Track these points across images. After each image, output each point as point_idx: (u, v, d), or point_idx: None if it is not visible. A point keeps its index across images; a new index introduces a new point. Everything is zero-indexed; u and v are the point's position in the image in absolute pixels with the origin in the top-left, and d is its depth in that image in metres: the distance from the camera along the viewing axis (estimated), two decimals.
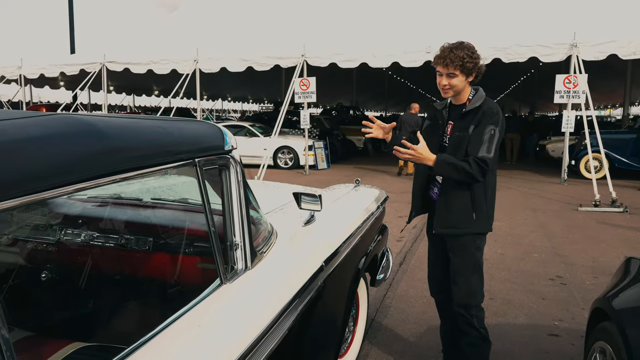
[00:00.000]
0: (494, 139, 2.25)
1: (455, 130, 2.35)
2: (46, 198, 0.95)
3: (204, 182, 1.45)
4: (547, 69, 12.86)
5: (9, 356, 0.84)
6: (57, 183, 0.96)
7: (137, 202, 2.34)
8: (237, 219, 1.56)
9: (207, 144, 1.51)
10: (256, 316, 1.46)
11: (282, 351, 1.60)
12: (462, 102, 2.38)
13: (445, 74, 2.28)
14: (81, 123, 1.10)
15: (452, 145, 2.35)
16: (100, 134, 1.10)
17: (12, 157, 0.90)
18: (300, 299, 1.73)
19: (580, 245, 5.63)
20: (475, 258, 2.40)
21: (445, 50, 2.27)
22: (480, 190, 2.33)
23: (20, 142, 0.93)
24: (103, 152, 1.08)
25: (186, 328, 1.24)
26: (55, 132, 1.02)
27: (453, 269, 2.42)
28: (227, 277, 1.49)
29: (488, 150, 2.23)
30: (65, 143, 1.01)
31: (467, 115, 2.32)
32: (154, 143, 1.28)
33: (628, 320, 1.74)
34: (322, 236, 2.19)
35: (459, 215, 2.33)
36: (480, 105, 2.31)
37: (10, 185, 0.87)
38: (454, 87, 2.29)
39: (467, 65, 2.25)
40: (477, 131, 2.27)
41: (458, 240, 2.38)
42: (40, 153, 0.94)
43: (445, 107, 2.47)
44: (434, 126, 2.50)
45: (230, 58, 12.13)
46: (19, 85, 16.17)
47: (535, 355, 3.06)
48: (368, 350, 3.08)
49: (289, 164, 13.00)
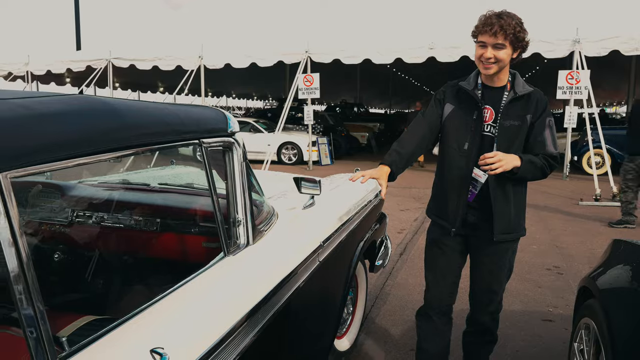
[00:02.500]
0: (554, 131, 2.07)
1: (504, 118, 2.03)
2: (65, 167, 1.05)
3: (209, 162, 1.55)
4: (552, 65, 12.90)
5: (45, 327, 0.93)
6: (76, 153, 1.06)
7: (145, 187, 2.46)
8: (239, 196, 1.67)
9: (212, 126, 1.61)
10: (257, 285, 1.57)
11: (281, 322, 1.71)
12: (501, 84, 2.05)
13: (491, 44, 1.93)
14: (98, 101, 1.20)
15: (504, 136, 2.02)
16: (115, 112, 1.21)
17: (36, 127, 1.00)
18: (299, 274, 1.83)
19: (579, 238, 5.71)
20: (512, 263, 2.26)
21: (493, 17, 1.94)
22: (525, 190, 2.17)
23: (43, 116, 1.04)
24: (118, 127, 1.19)
25: (192, 292, 1.35)
26: (75, 108, 1.12)
27: (489, 277, 2.20)
28: (230, 250, 1.60)
29: (555, 146, 2.06)
30: (84, 118, 1.11)
31: (516, 101, 2.03)
32: (163, 122, 1.38)
33: (609, 297, 1.83)
34: (321, 218, 2.29)
35: (515, 218, 2.11)
36: (532, 92, 2.05)
37: (33, 152, 0.98)
38: (500, 61, 1.95)
39: (519, 36, 1.94)
40: (539, 125, 2.03)
41: (501, 246, 2.14)
42: (61, 126, 1.05)
43: (476, 88, 2.09)
44: (465, 109, 2.09)
45: (235, 54, 12.23)
46: (26, 81, 16.34)
47: (529, 338, 3.15)
48: (367, 334, 3.18)
49: (292, 160, 13.11)
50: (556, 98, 10.27)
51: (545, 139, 2.03)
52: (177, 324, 1.22)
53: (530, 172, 2.00)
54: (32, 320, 0.90)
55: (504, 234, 2.10)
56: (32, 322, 0.90)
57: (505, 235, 2.10)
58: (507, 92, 2.04)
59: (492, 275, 2.20)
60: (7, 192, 0.89)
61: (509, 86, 2.05)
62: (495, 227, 2.07)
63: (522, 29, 1.96)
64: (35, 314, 0.91)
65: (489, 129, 2.07)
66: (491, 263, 2.18)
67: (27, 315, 0.90)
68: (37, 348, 0.91)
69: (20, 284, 0.89)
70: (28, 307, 0.90)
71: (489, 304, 2.27)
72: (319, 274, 2.05)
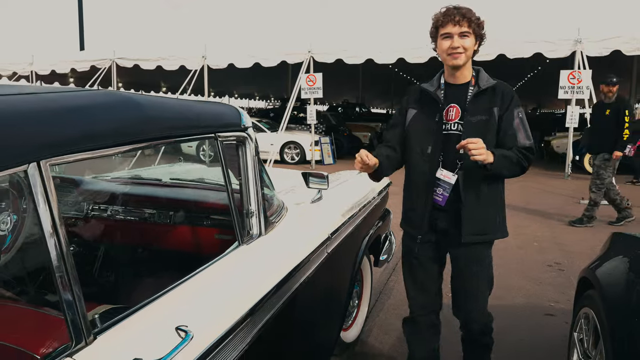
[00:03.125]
0: (525, 122, 1.99)
1: (470, 114, 1.96)
2: (95, 157, 1.13)
3: (224, 155, 1.62)
4: (554, 65, 12.96)
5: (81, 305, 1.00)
6: (104, 144, 1.13)
7: (158, 181, 2.53)
8: (252, 188, 1.74)
9: (226, 121, 1.68)
10: (269, 273, 1.64)
11: (292, 309, 1.78)
12: (465, 80, 2.01)
13: (456, 33, 1.91)
14: (122, 96, 1.28)
15: (472, 131, 1.92)
16: (138, 106, 1.28)
17: (69, 119, 1.07)
18: (309, 264, 1.91)
19: (580, 235, 5.76)
20: (490, 270, 2.12)
21: (452, 9, 1.94)
22: (502, 188, 2.07)
23: (75, 108, 1.11)
24: (141, 121, 1.26)
25: (211, 277, 1.42)
26: (102, 102, 1.19)
27: (467, 284, 2.09)
28: (244, 240, 1.67)
29: (528, 137, 1.98)
30: (111, 111, 1.19)
31: (481, 96, 1.98)
32: (181, 116, 1.45)
33: (608, 287, 1.90)
34: (329, 212, 2.36)
35: (487, 219, 2.01)
36: (496, 84, 2.00)
37: (68, 142, 1.05)
38: (467, 50, 1.93)
39: (481, 24, 1.96)
40: (507, 117, 1.96)
41: (474, 251, 2.04)
42: (91, 118, 1.12)
43: (439, 88, 2.05)
44: (427, 113, 2.04)
45: (238, 54, 12.32)
46: (30, 81, 16.43)
47: (530, 332, 3.22)
48: (371, 327, 3.25)
49: (295, 159, 13.18)
50: (558, 98, 10.34)
51: (516, 131, 1.96)
52: (199, 306, 1.29)
53: (506, 167, 1.92)
54: (71, 301, 0.98)
55: (475, 235, 2.00)
56: (71, 303, 0.98)
57: (476, 236, 2.00)
58: (472, 87, 1.99)
59: (470, 285, 2.09)
60: (46, 177, 0.96)
61: (474, 81, 2.00)
62: (463, 227, 1.98)
63: (481, 22, 1.97)
64: (73, 295, 0.98)
65: (456, 127, 2.00)
66: (468, 271, 2.07)
67: (67, 296, 0.97)
68: (75, 324, 0.98)
69: (60, 265, 0.97)
70: (67, 290, 0.98)
71: (472, 314, 2.13)
72: (327, 265, 2.12)
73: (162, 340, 1.09)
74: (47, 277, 1.04)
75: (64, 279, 0.97)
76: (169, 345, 1.08)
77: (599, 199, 6.13)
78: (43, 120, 1.00)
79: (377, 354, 2.93)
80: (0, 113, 0.93)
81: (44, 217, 0.96)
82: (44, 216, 0.95)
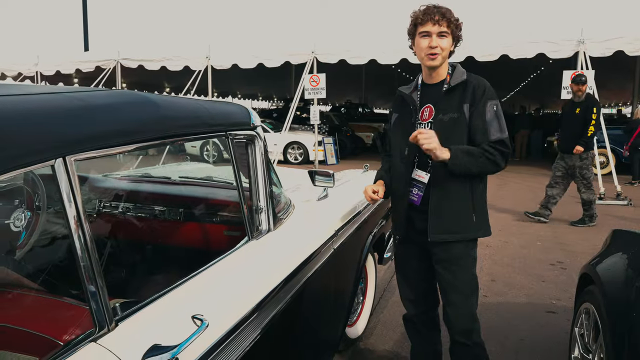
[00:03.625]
0: (500, 114, 1.93)
1: (440, 112, 1.95)
2: (120, 152, 1.18)
3: (235, 153, 1.68)
4: (557, 66, 12.99)
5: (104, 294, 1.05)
6: (125, 141, 1.19)
7: (167, 179, 2.59)
8: (261, 185, 1.79)
9: (236, 120, 1.74)
10: (278, 267, 1.69)
11: (299, 302, 1.83)
12: (440, 78, 2.00)
13: (435, 33, 1.91)
14: (141, 96, 1.33)
15: (441, 130, 1.90)
16: (155, 105, 1.33)
17: (92, 117, 1.13)
18: (316, 258, 1.96)
19: (583, 235, 5.80)
20: (473, 271, 2.04)
21: (432, 7, 1.94)
22: (479, 186, 1.99)
23: (97, 107, 1.17)
24: (158, 119, 1.31)
25: (224, 270, 1.47)
26: (122, 101, 1.25)
27: (447, 287, 2.03)
28: (253, 235, 1.72)
29: (501, 130, 1.91)
30: (130, 110, 1.24)
31: (452, 93, 1.96)
32: (195, 115, 1.51)
33: (607, 282, 1.94)
34: (335, 209, 2.42)
35: (458, 217, 1.96)
36: (467, 79, 1.96)
37: (91, 138, 1.10)
38: (444, 50, 1.93)
39: (459, 25, 1.96)
40: (477, 112, 1.91)
41: (452, 251, 1.99)
42: (113, 116, 1.18)
43: (415, 90, 2.07)
44: (405, 116, 2.06)
45: (242, 54, 12.37)
46: (35, 82, 16.53)
47: (532, 328, 3.26)
48: (375, 323, 3.30)
49: (298, 159, 13.24)
50: (561, 98, 10.36)
51: (488, 125, 1.90)
52: (213, 296, 1.35)
53: (470, 163, 1.87)
54: (95, 291, 1.03)
55: (444, 233, 1.95)
56: (94, 292, 1.03)
57: (446, 235, 1.95)
58: (446, 85, 1.98)
59: (449, 287, 2.03)
60: (71, 172, 1.02)
61: (448, 79, 1.99)
62: (429, 225, 1.95)
63: (459, 22, 1.97)
64: (97, 285, 1.04)
65: (429, 127, 1.97)
66: (446, 272, 2.02)
67: (91, 286, 1.03)
68: (98, 312, 1.03)
69: (85, 256, 1.02)
70: (92, 280, 1.03)
71: (454, 319, 2.05)
72: (333, 260, 2.17)
73: (179, 328, 1.15)
74: (70, 268, 1.10)
75: (88, 270, 1.03)
76: (185, 332, 1.13)
77: (592, 197, 6.19)
78: (70, 118, 1.05)
79: (381, 350, 2.97)
80: (30, 111, 0.98)
81: (70, 210, 1.01)
82: (69, 209, 1.01)
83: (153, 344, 1.06)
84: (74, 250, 1.02)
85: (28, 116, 0.96)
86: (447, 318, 2.08)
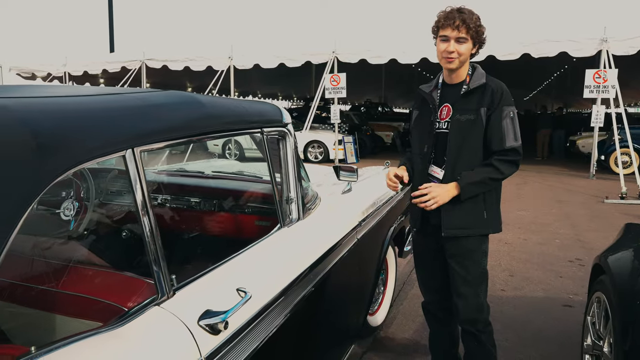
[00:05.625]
0: (515, 122, 2.01)
1: (457, 113, 2.03)
2: (170, 146, 1.36)
3: (269, 147, 1.84)
4: (581, 64, 12.88)
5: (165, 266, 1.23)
6: (179, 135, 1.36)
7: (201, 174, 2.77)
8: (292, 178, 1.95)
9: (270, 117, 1.90)
10: (307, 251, 1.86)
11: (325, 287, 1.99)
12: (460, 79, 2.07)
13: (453, 38, 1.97)
14: (189, 96, 1.51)
15: (455, 130, 2.02)
16: (202, 104, 1.50)
17: (152, 114, 1.30)
18: (341, 245, 2.12)
19: (603, 233, 5.82)
20: (483, 265, 2.13)
21: (454, 12, 1.98)
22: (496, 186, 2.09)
23: (156, 106, 1.34)
24: (205, 116, 1.49)
25: (260, 252, 1.65)
26: (175, 100, 1.42)
27: (458, 279, 2.11)
28: (285, 223, 1.89)
29: (516, 138, 2.00)
30: (182, 108, 1.41)
31: (471, 95, 2.03)
32: (235, 113, 1.68)
33: (617, 272, 2.05)
34: (358, 202, 2.57)
35: (469, 213, 2.04)
36: (486, 83, 2.02)
37: (152, 133, 1.28)
38: (461, 55, 1.98)
39: (480, 31, 2.00)
40: (494, 117, 1.99)
41: (464, 245, 2.08)
42: (169, 113, 1.35)
43: (436, 88, 2.15)
44: (425, 113, 2.15)
45: (263, 54, 12.60)
46: (63, 82, 17.04)
47: (548, 321, 3.36)
48: (395, 314, 3.44)
49: (319, 158, 13.41)
50: (583, 97, 10.30)
51: (502, 131, 1.98)
52: (253, 274, 1.52)
53: (478, 190, 2.00)
54: (159, 264, 1.21)
55: (457, 229, 2.04)
56: (159, 265, 1.21)
57: (458, 230, 2.05)
58: (465, 86, 2.04)
59: (459, 279, 2.11)
60: (138, 161, 1.19)
61: (468, 80, 2.05)
62: (443, 221, 2.04)
63: (481, 24, 2.01)
64: (159, 259, 1.21)
65: (446, 126, 2.06)
66: (458, 266, 2.10)
67: (156, 260, 1.21)
68: (160, 282, 1.21)
69: (152, 234, 1.20)
70: (157, 255, 1.21)
71: (462, 309, 2.14)
72: (356, 249, 2.32)
73: (226, 298, 1.32)
74: (137, 247, 1.27)
75: (154, 248, 1.20)
76: (232, 302, 1.30)
77: None
78: (136, 115, 1.23)
79: (401, 338, 3.11)
80: (106, 109, 1.16)
81: (137, 194, 1.18)
82: (138, 193, 1.18)
83: (206, 309, 1.23)
84: (143, 230, 1.19)
85: (105, 114, 1.14)
86: (456, 308, 2.17)
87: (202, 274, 1.37)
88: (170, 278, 1.25)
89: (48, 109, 1.03)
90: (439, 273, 2.25)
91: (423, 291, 2.39)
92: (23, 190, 0.90)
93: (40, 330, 1.27)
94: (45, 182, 0.94)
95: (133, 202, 1.19)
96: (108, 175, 2.44)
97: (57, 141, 0.97)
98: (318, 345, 2.03)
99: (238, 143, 12.51)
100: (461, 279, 2.10)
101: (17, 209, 0.89)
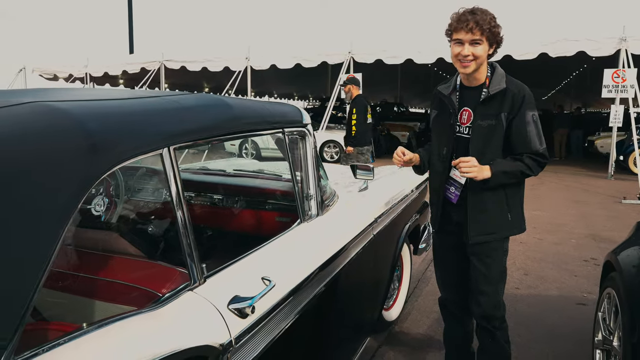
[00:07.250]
0: (539, 126, 1.99)
1: (479, 118, 2.01)
2: (201, 145, 1.47)
3: (290, 147, 1.95)
4: (600, 64, 12.75)
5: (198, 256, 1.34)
6: (208, 135, 1.47)
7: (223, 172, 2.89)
8: (311, 175, 2.05)
9: (291, 118, 2.01)
10: (326, 244, 1.96)
11: (343, 280, 2.08)
12: (479, 82, 2.03)
13: (468, 41, 1.92)
14: (217, 98, 1.62)
15: (478, 136, 2.00)
16: (229, 106, 1.61)
17: (185, 116, 1.42)
18: (358, 241, 2.21)
19: (619, 233, 5.80)
20: (503, 264, 2.16)
21: (467, 14, 1.92)
22: (513, 187, 2.07)
23: (188, 108, 1.45)
24: (232, 117, 1.60)
25: (282, 245, 1.75)
26: (205, 102, 1.54)
27: (479, 277, 2.14)
28: (305, 218, 1.99)
29: (541, 142, 1.99)
30: (211, 109, 1.53)
31: (492, 100, 2.00)
32: (259, 114, 1.78)
33: (626, 268, 2.11)
34: (374, 199, 2.66)
35: (494, 218, 2.06)
36: (507, 87, 1.99)
37: (184, 133, 1.39)
38: (477, 57, 1.94)
39: (495, 31, 1.94)
40: (518, 122, 1.97)
41: (486, 245, 2.10)
42: (200, 115, 1.46)
43: (454, 91, 2.10)
44: (444, 115, 2.13)
45: (280, 55, 12.73)
46: (84, 83, 17.43)
47: (562, 319, 3.40)
48: (410, 309, 3.52)
49: (334, 158, 13.50)
50: (601, 96, 10.22)
51: (527, 136, 1.97)
52: (276, 264, 1.62)
53: (507, 180, 1.99)
54: (192, 254, 1.32)
55: (482, 235, 2.07)
56: (192, 256, 1.32)
57: (483, 236, 2.07)
58: (485, 90, 2.01)
59: (481, 277, 2.13)
60: (173, 159, 1.31)
61: (487, 83, 2.02)
62: (469, 229, 2.06)
63: (497, 23, 1.95)
64: (192, 250, 1.32)
65: (467, 131, 2.05)
66: (481, 264, 2.12)
67: (190, 251, 1.32)
68: (193, 270, 1.32)
69: (186, 227, 1.31)
70: (191, 246, 1.32)
71: (481, 306, 2.17)
72: (372, 245, 2.42)
73: (252, 285, 1.42)
74: (173, 238, 1.38)
75: (187, 239, 1.31)
76: (257, 289, 1.41)
77: None
78: (171, 116, 1.34)
79: (415, 333, 3.19)
80: (146, 111, 1.28)
81: (173, 188, 1.30)
82: (173, 188, 1.30)
83: (234, 294, 1.34)
84: (177, 223, 1.30)
85: (145, 115, 1.26)
86: (474, 305, 2.19)
87: (230, 263, 1.48)
88: (201, 267, 1.36)
89: (98, 112, 1.14)
90: (458, 271, 2.28)
91: (441, 288, 2.44)
92: (77, 185, 1.01)
93: (86, 312, 1.39)
94: (95, 178, 1.06)
95: (169, 196, 1.30)
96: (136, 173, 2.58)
97: (106, 141, 1.08)
98: (335, 336, 2.13)
99: (254, 142, 12.67)
100: (482, 276, 2.12)
101: (73, 202, 1.00)
